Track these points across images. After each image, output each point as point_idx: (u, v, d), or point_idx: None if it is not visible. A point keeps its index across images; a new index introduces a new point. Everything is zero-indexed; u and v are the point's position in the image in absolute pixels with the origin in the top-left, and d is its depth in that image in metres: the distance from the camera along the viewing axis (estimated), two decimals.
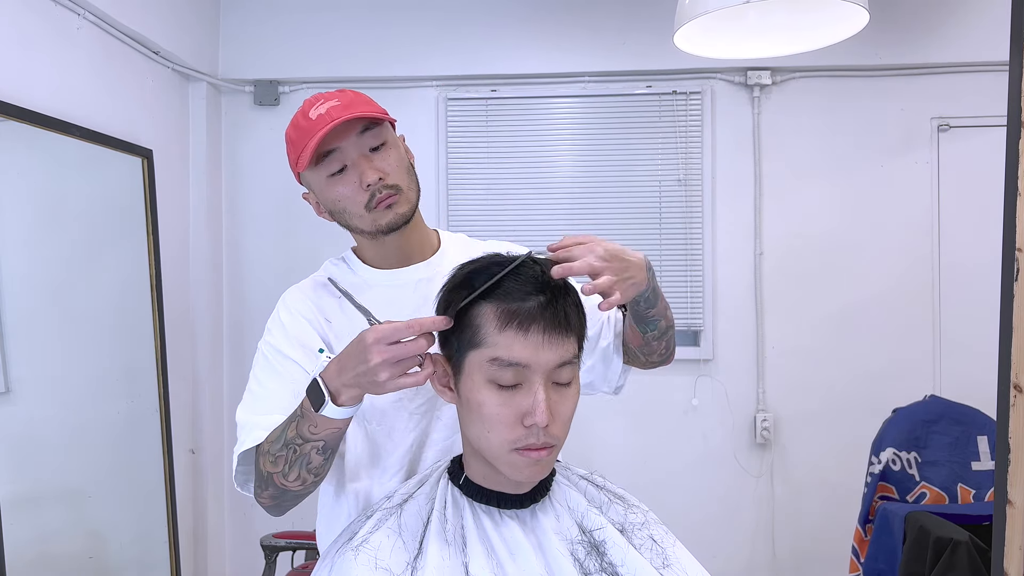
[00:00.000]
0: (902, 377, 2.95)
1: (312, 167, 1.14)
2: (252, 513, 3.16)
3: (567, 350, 0.95)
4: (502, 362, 0.92)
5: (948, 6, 2.96)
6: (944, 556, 2.04)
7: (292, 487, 1.06)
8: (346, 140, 1.13)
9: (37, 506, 2.13)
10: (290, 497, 1.09)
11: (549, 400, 0.93)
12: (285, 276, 3.11)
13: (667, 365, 1.30)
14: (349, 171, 1.14)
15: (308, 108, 1.14)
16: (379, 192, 1.13)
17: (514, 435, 0.93)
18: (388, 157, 1.16)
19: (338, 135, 1.12)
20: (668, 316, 1.20)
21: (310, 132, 1.11)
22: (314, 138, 1.10)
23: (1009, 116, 1.38)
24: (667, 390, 3.04)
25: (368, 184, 1.13)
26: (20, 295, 2.12)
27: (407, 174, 1.18)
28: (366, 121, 1.14)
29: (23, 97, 2.10)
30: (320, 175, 1.16)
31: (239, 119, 3.16)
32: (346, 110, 1.11)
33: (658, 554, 1.02)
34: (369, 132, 1.14)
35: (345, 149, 1.13)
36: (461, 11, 3.08)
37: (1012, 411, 1.36)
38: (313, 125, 1.11)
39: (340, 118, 1.10)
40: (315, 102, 1.14)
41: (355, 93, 1.16)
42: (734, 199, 3.05)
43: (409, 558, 0.96)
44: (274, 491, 1.08)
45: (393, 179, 1.15)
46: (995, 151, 1.76)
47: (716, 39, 2.05)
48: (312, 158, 1.12)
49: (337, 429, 1.01)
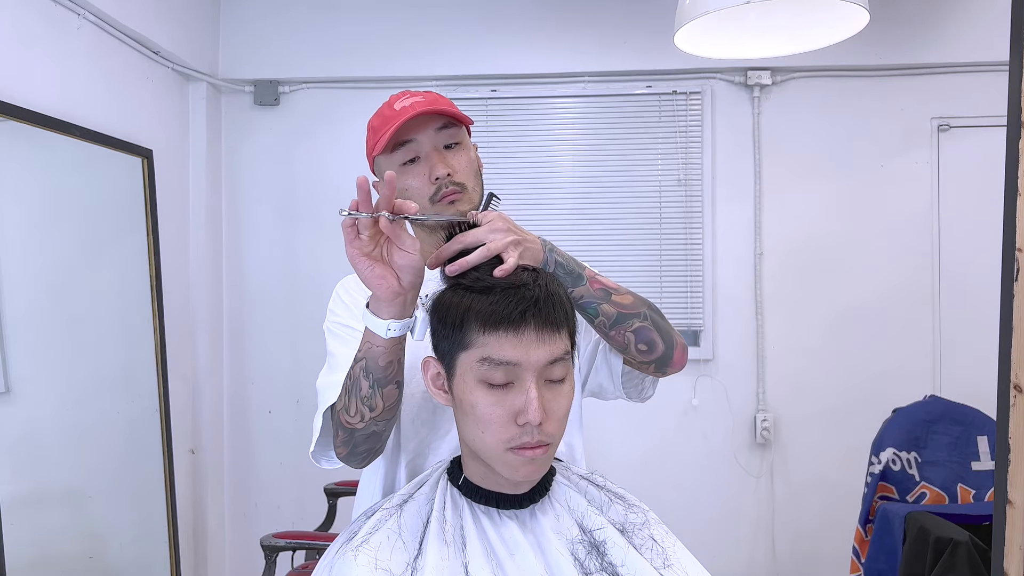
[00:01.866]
0: (902, 377, 2.95)
1: (387, 154, 1.21)
2: (252, 513, 3.16)
3: (558, 347, 0.95)
4: (492, 361, 0.92)
5: (948, 6, 2.96)
6: (944, 556, 2.04)
7: (355, 423, 1.04)
8: (423, 133, 1.19)
9: (37, 506, 2.13)
10: (359, 439, 1.07)
11: (542, 398, 0.93)
12: (285, 276, 3.16)
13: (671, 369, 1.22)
14: (421, 163, 1.20)
15: (393, 101, 1.22)
16: (445, 187, 1.18)
17: (508, 434, 0.93)
18: (459, 157, 1.21)
19: (416, 127, 1.18)
20: (621, 303, 1.14)
21: (392, 121, 1.18)
22: (394, 125, 1.17)
23: (1009, 116, 1.38)
24: (667, 390, 3.02)
25: (436, 177, 1.18)
26: (20, 295, 2.12)
27: (474, 177, 1.23)
28: (445, 119, 1.20)
29: (23, 97, 2.10)
30: (393, 162, 1.21)
31: (239, 119, 3.16)
32: (428, 106, 1.18)
33: (658, 554, 1.02)
34: (446, 130, 1.21)
35: (421, 141, 1.19)
36: (461, 11, 3.08)
37: (1012, 411, 1.36)
38: (396, 115, 1.18)
39: (421, 110, 1.17)
40: (401, 96, 1.22)
41: (438, 95, 1.23)
42: (734, 199, 3.05)
43: (409, 558, 0.96)
44: (344, 435, 1.07)
45: (460, 177, 1.20)
46: (995, 151, 1.76)
47: (716, 39, 2.05)
48: (389, 144, 1.19)
49: (376, 347, 0.99)
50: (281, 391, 3.10)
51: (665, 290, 3.05)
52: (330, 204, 3.11)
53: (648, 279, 3.05)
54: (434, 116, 1.19)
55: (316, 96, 3.15)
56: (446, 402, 1.01)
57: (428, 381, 1.01)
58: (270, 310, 3.16)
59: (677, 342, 1.20)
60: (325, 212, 3.11)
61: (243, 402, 3.13)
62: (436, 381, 1.00)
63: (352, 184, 0.94)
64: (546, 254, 1.09)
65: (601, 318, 1.13)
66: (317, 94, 3.15)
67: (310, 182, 3.13)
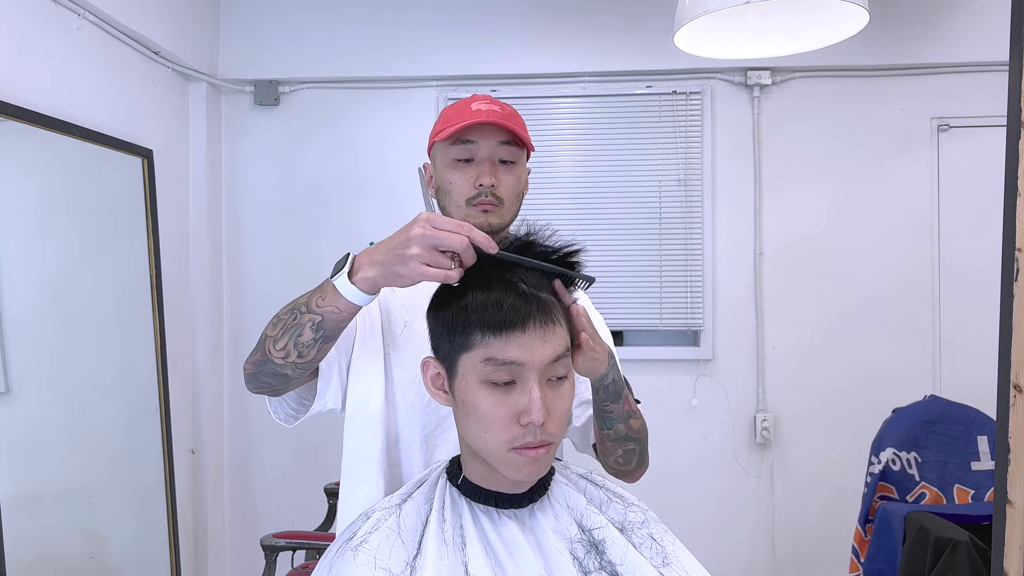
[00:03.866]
0: (902, 377, 2.95)
1: (447, 144, 1.25)
2: (252, 513, 3.16)
3: (560, 343, 0.95)
4: (496, 361, 0.92)
5: (948, 6, 2.96)
6: (944, 556, 2.04)
7: (276, 357, 1.07)
8: (486, 140, 1.24)
9: (37, 506, 2.13)
10: (268, 372, 1.09)
11: (544, 397, 0.93)
12: (285, 275, 3.16)
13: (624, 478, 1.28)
14: (473, 166, 1.24)
15: (473, 101, 1.26)
16: (485, 195, 1.23)
17: (511, 434, 0.93)
18: (510, 175, 1.26)
19: (483, 132, 1.23)
20: (632, 427, 1.19)
21: (464, 118, 1.23)
22: (465, 122, 1.22)
23: (1009, 116, 1.38)
24: (667, 390, 3.05)
25: (480, 183, 1.23)
26: (20, 295, 2.12)
27: (515, 197, 1.28)
28: (510, 135, 1.25)
29: (23, 97, 2.10)
30: (449, 153, 1.25)
31: (239, 119, 3.17)
32: (501, 119, 1.23)
33: (658, 552, 1.02)
34: (507, 146, 1.25)
35: (481, 146, 1.24)
36: (461, 11, 3.08)
37: (1012, 411, 1.36)
38: (470, 114, 1.23)
39: (494, 119, 1.22)
40: (481, 99, 1.26)
41: (515, 112, 1.29)
42: (734, 199, 3.05)
43: (408, 558, 0.95)
44: (260, 356, 1.10)
45: (502, 192, 1.25)
46: (995, 151, 1.76)
47: (716, 39, 2.05)
48: (452, 137, 1.23)
49: (339, 311, 1.02)
50: None
51: (665, 290, 3.05)
52: (330, 204, 3.11)
53: (648, 279, 3.05)
54: (502, 129, 1.24)
55: (316, 96, 3.15)
56: (446, 402, 1.00)
57: (427, 382, 1.00)
58: (270, 310, 3.11)
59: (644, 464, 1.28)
60: (325, 212, 3.11)
61: (243, 402, 3.12)
62: (436, 382, 1.00)
63: (352, 182, 0.94)
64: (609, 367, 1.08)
65: (610, 431, 1.18)
66: (317, 94, 3.15)
67: (310, 182, 3.13)
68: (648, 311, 3.05)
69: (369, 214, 3.07)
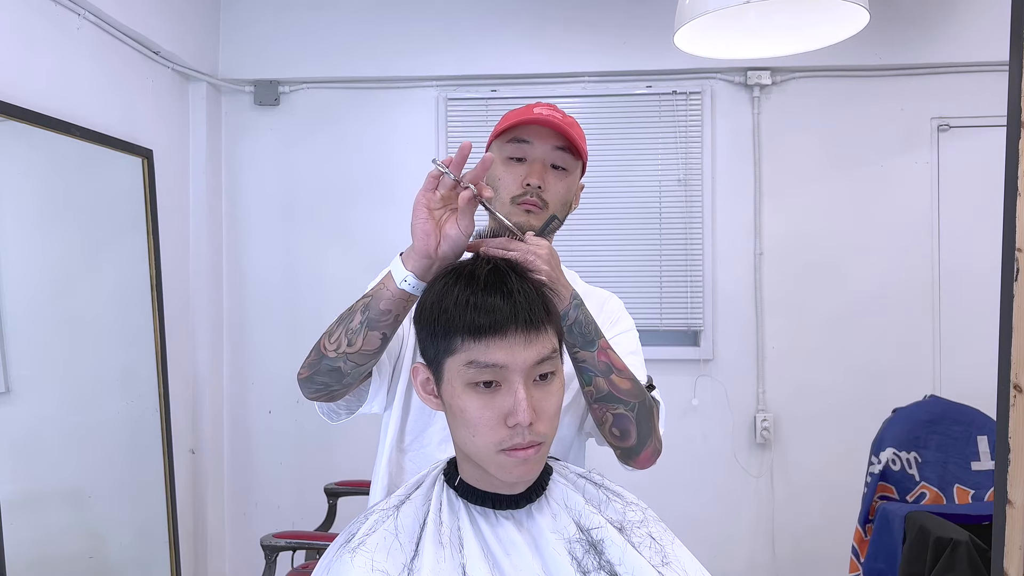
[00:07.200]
0: (902, 377, 2.95)
1: (502, 141, 1.28)
2: (252, 513, 3.16)
3: (544, 346, 0.94)
4: (479, 364, 0.92)
5: (948, 6, 2.96)
6: (944, 556, 2.04)
7: (329, 351, 1.07)
8: (542, 142, 1.25)
9: (37, 506, 2.13)
10: (323, 370, 1.09)
11: (531, 398, 0.92)
12: (285, 275, 3.16)
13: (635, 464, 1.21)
14: (524, 165, 1.26)
15: (536, 106, 1.28)
16: (531, 195, 1.24)
17: (499, 436, 0.93)
18: (559, 180, 1.27)
19: (540, 135, 1.25)
20: (617, 385, 1.13)
21: (524, 118, 1.25)
22: (523, 119, 1.24)
23: (1009, 116, 1.38)
24: (667, 390, 3.01)
25: (528, 183, 1.24)
26: (20, 295, 2.12)
27: (562, 205, 1.28)
28: (566, 142, 1.26)
29: (23, 97, 2.10)
30: (503, 152, 1.28)
31: (239, 119, 3.17)
32: (559, 123, 1.25)
33: (657, 552, 1.02)
34: (561, 152, 1.26)
35: (535, 147, 1.26)
36: (461, 11, 3.08)
37: (1012, 411, 1.36)
38: (531, 117, 1.25)
39: (554, 123, 1.24)
40: (544, 106, 1.28)
41: (576, 121, 1.30)
42: (734, 199, 3.05)
43: (406, 560, 0.95)
44: (315, 356, 1.10)
45: (548, 196, 1.25)
46: (995, 151, 1.76)
47: (716, 39, 2.05)
48: (508, 134, 1.26)
49: (387, 291, 1.03)
50: (281, 391, 3.10)
51: (665, 290, 3.05)
52: (330, 204, 3.12)
53: (648, 279, 3.05)
54: (558, 134, 1.24)
55: (316, 96, 3.15)
56: (436, 407, 1.00)
57: (418, 387, 1.01)
58: (270, 310, 3.16)
59: (652, 443, 1.20)
60: (325, 212, 3.11)
61: (243, 402, 3.13)
62: (426, 387, 1.00)
63: (352, 182, 0.95)
64: (570, 306, 1.09)
65: (591, 388, 1.14)
66: (317, 94, 3.15)
67: (310, 182, 3.13)
68: (648, 311, 3.05)
69: (369, 214, 3.07)
